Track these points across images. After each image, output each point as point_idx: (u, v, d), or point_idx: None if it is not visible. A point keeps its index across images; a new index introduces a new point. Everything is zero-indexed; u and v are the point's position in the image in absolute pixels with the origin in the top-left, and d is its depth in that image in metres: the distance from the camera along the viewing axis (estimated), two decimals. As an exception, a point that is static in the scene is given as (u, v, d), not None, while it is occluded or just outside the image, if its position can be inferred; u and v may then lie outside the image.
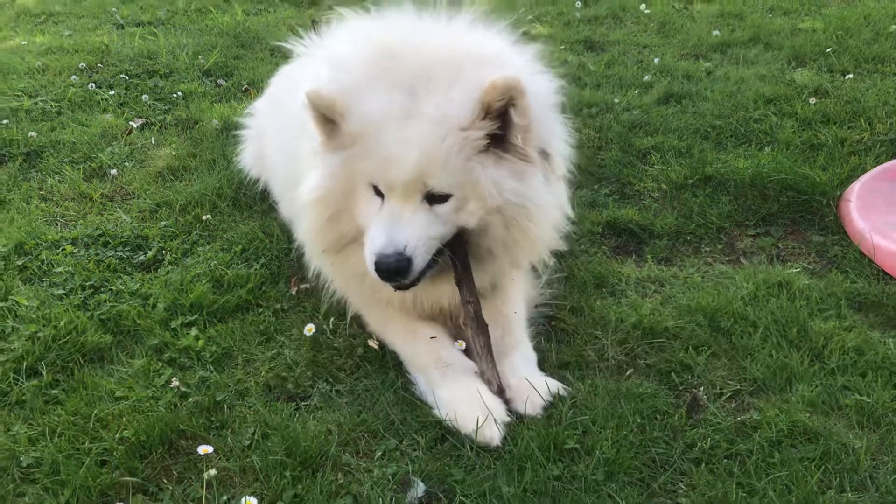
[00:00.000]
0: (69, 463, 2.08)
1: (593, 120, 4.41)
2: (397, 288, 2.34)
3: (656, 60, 5.28)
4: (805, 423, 2.19)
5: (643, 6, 6.49)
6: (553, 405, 2.31)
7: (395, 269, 2.21)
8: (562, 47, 5.69)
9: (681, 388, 2.41)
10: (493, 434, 2.17)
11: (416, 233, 2.22)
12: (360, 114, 2.23)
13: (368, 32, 2.49)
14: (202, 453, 2.08)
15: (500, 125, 2.23)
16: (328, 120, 2.30)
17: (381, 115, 2.21)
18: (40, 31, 6.16)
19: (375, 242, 2.23)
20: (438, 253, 2.33)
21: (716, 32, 5.84)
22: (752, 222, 3.42)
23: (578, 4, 6.67)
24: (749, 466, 2.05)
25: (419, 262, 2.23)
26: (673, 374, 2.46)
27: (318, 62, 3.13)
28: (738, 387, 2.40)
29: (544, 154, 2.36)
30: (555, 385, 2.37)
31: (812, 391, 2.33)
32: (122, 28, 6.31)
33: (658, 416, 2.26)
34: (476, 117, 2.18)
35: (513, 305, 2.64)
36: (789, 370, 2.43)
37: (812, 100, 4.54)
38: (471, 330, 2.46)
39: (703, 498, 1.96)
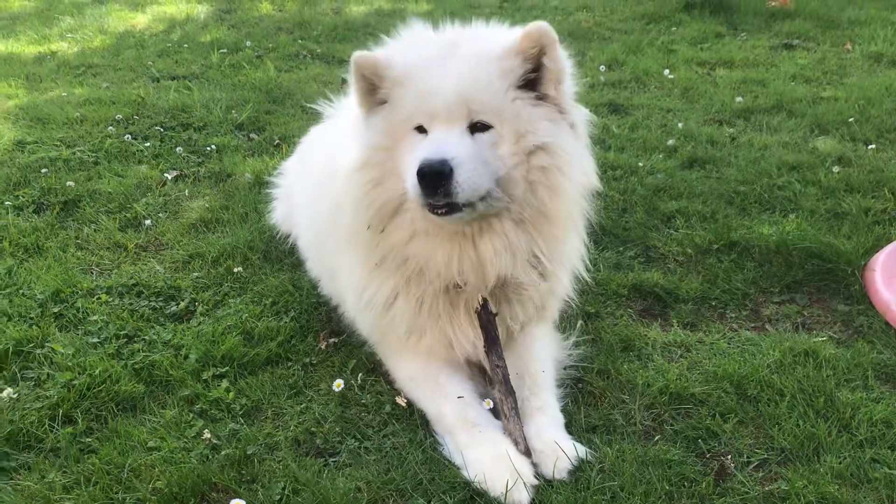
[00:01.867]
0: (103, 513, 2.12)
1: (618, 183, 4.47)
2: (435, 209, 2.31)
3: (680, 125, 5.36)
4: (834, 496, 2.19)
5: (667, 71, 6.61)
6: (580, 469, 2.32)
7: (438, 172, 2.22)
8: (586, 109, 5.78)
9: (708, 455, 2.42)
10: (521, 497, 2.18)
11: (462, 150, 2.29)
12: (401, 60, 2.39)
13: None
14: (234, 508, 2.10)
15: (534, 71, 2.37)
16: (370, 89, 2.43)
17: (422, 57, 2.38)
18: (79, 83, 6.34)
19: (422, 153, 2.27)
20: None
21: (739, 99, 5.93)
22: (776, 289, 3.44)
23: (602, 68, 6.80)
24: (779, 538, 2.05)
25: (464, 179, 2.25)
26: (700, 440, 2.47)
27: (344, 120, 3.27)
28: (766, 455, 2.40)
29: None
30: (582, 450, 2.38)
31: (840, 463, 2.33)
32: (158, 81, 6.48)
33: (686, 484, 2.26)
34: (513, 56, 2.33)
35: (540, 365, 2.67)
36: (817, 440, 2.43)
37: (835, 168, 4.59)
38: (499, 392, 2.49)
39: (732, 569, 1.96)
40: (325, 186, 2.74)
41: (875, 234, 3.75)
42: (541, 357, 2.70)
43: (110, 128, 5.22)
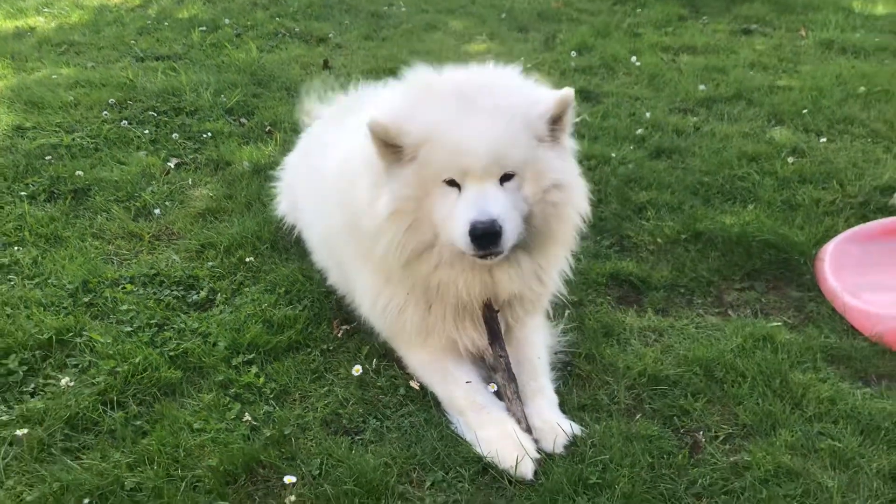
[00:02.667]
0: (169, 488, 2.43)
1: (592, 173, 4.82)
2: (484, 257, 2.63)
3: (648, 114, 5.72)
4: (788, 465, 2.61)
5: (634, 58, 6.95)
6: (574, 444, 2.70)
7: (491, 233, 2.51)
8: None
9: (682, 430, 2.82)
10: (527, 469, 2.55)
11: (504, 206, 2.58)
12: (419, 125, 2.60)
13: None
14: (287, 482, 2.44)
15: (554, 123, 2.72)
16: (389, 146, 2.64)
17: (441, 118, 2.59)
18: (65, 63, 6.44)
19: (469, 212, 2.54)
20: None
21: (702, 87, 6.31)
22: (738, 277, 3.85)
23: (574, 54, 7.12)
24: (743, 501, 2.46)
25: (509, 232, 2.58)
26: (675, 417, 2.87)
27: (345, 125, 3.55)
28: (731, 431, 2.81)
29: None
30: (576, 427, 2.76)
31: (793, 436, 2.75)
32: (143, 61, 6.62)
33: (665, 456, 2.66)
34: (544, 118, 2.65)
35: (536, 351, 3.04)
36: (773, 417, 2.85)
37: (790, 159, 5.01)
38: (501, 378, 2.86)
39: (705, 528, 2.37)
40: (341, 193, 3.01)
41: (825, 225, 4.18)
42: (536, 345, 3.07)
43: (105, 112, 5.39)
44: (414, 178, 2.64)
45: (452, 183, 2.63)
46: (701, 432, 2.79)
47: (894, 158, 5.05)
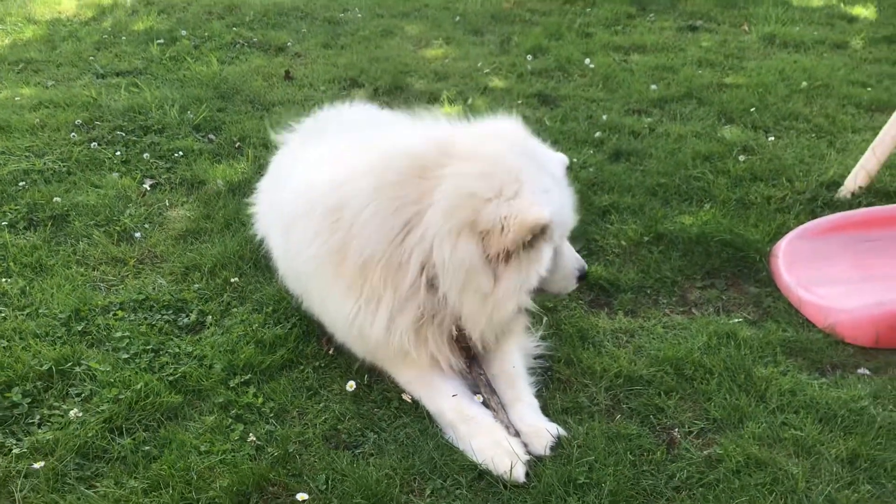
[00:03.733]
0: (187, 511, 2.58)
1: (557, 178, 5.02)
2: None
3: (604, 117, 5.95)
4: (756, 455, 2.84)
5: (587, 60, 7.18)
6: (560, 446, 2.90)
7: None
8: (519, 102, 6.32)
9: (658, 428, 3.05)
10: (520, 473, 2.75)
11: None
12: (554, 205, 2.98)
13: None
14: (300, 500, 2.60)
15: None
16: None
17: (558, 196, 3.12)
18: (24, 83, 6.43)
19: (579, 262, 3.33)
20: None
21: (654, 87, 6.57)
22: (699, 276, 4.09)
23: (529, 57, 7.32)
24: (718, 492, 2.69)
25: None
26: (651, 416, 3.10)
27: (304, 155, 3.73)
28: (703, 425, 3.04)
29: None
30: (555, 428, 2.96)
31: (759, 428, 2.99)
32: (104, 77, 6.64)
33: (645, 454, 2.88)
34: None
35: (511, 360, 3.22)
36: (741, 410, 3.09)
37: (741, 157, 5.28)
38: (484, 393, 3.09)
39: (686, 519, 2.59)
40: (321, 225, 3.10)
41: (777, 222, 4.44)
42: (511, 355, 3.23)
43: (73, 134, 5.43)
44: (551, 249, 3.02)
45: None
46: (676, 429, 3.02)
47: (837, 153, 5.36)
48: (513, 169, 2.90)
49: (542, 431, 2.92)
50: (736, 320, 3.71)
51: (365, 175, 3.05)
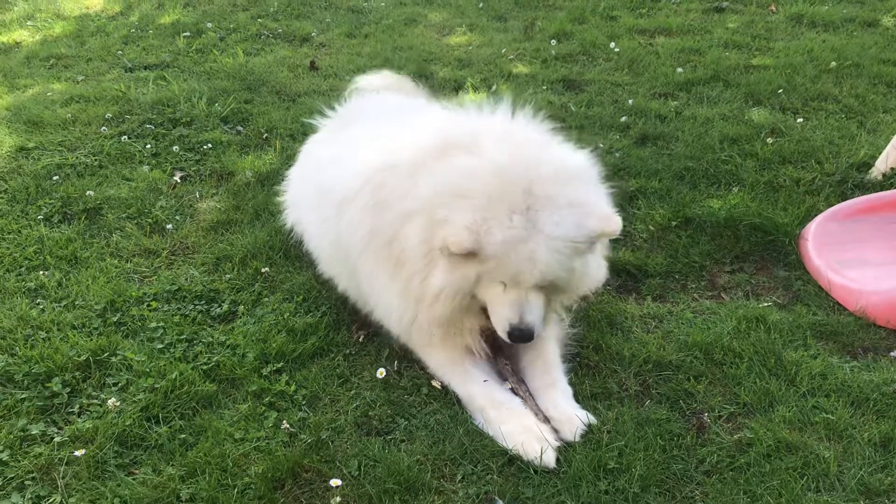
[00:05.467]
0: (223, 496, 2.63)
1: (583, 163, 5.01)
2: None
3: (630, 101, 5.92)
4: (787, 439, 2.84)
5: (612, 44, 7.13)
6: (590, 431, 2.92)
7: (525, 338, 2.97)
8: (543, 87, 6.30)
9: (688, 412, 3.05)
10: (550, 458, 2.78)
11: (538, 314, 2.97)
12: (491, 244, 2.80)
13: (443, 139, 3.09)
14: (333, 485, 2.64)
15: None
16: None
17: (510, 241, 2.81)
18: (55, 78, 6.53)
19: (511, 319, 2.93)
20: None
21: (680, 70, 6.51)
22: (728, 260, 4.08)
23: (553, 42, 7.29)
24: (749, 476, 2.70)
25: (538, 331, 3.00)
26: (680, 401, 3.10)
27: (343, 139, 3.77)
28: (733, 409, 3.05)
29: None
30: (585, 415, 2.98)
31: (789, 411, 2.98)
32: (132, 72, 6.72)
33: (674, 438, 2.89)
34: (587, 244, 2.92)
35: (549, 349, 3.25)
36: (771, 394, 3.08)
37: (769, 140, 5.23)
38: (512, 382, 3.13)
39: None
40: (365, 210, 3.17)
41: (807, 205, 4.40)
42: (548, 342, 3.26)
43: (103, 128, 5.51)
44: (475, 273, 2.89)
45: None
46: (706, 413, 3.02)
47: (868, 134, 5.29)
48: (474, 192, 2.87)
49: (573, 418, 2.94)
50: (765, 304, 3.69)
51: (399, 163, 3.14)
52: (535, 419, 2.93)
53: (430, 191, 2.92)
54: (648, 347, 3.36)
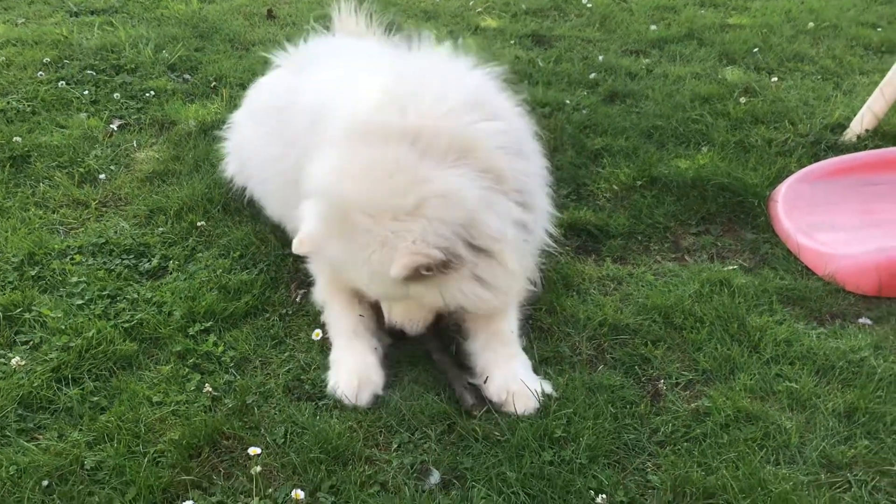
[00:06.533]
0: (131, 464, 2.39)
1: (547, 120, 4.78)
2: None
3: (601, 58, 5.68)
4: (747, 408, 2.65)
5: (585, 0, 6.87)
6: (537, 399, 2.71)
7: (397, 336, 2.91)
8: (511, 42, 6.03)
9: (643, 379, 2.85)
10: (363, 398, 2.71)
11: (407, 317, 2.87)
12: (326, 256, 2.82)
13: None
14: (252, 454, 2.41)
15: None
16: None
17: (334, 260, 2.81)
18: (-7, 20, 6.16)
19: (385, 315, 2.91)
20: None
21: (653, 27, 6.28)
22: (693, 221, 3.87)
23: (524, -4, 7.01)
24: (705, 447, 2.50)
25: (411, 331, 2.88)
26: (636, 366, 2.90)
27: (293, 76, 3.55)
28: (691, 377, 2.85)
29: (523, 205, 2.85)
30: (548, 386, 2.75)
31: (751, 379, 2.79)
32: (77, 16, 6.35)
33: (627, 406, 2.69)
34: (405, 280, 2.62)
35: (508, 323, 2.97)
36: (732, 361, 2.89)
37: (742, 99, 5.02)
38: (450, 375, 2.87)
39: (669, 476, 2.40)
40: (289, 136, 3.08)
41: (778, 166, 4.21)
42: (508, 315, 2.98)
43: (40, 73, 5.17)
44: None
45: None
46: (662, 380, 2.83)
47: (844, 95, 5.10)
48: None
49: (529, 396, 2.69)
50: (731, 267, 3.49)
51: None
52: (373, 358, 2.83)
53: None
54: (605, 310, 3.15)
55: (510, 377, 2.74)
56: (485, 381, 2.76)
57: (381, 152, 2.66)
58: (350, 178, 2.66)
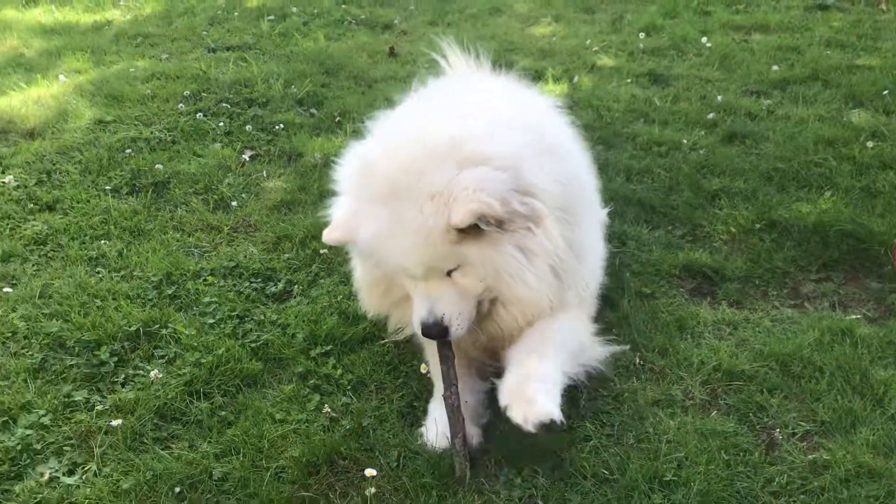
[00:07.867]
0: (255, 478, 2.54)
1: (663, 159, 4.77)
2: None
3: (719, 98, 5.62)
4: (869, 464, 2.57)
5: (704, 39, 6.81)
6: (647, 440, 2.70)
7: (437, 335, 2.66)
8: (628, 80, 6.05)
9: (758, 427, 2.80)
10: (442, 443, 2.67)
11: (450, 307, 2.64)
12: (361, 240, 2.65)
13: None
14: (367, 475, 2.51)
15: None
16: None
17: (374, 236, 2.59)
18: (140, 55, 6.64)
19: (418, 314, 2.67)
20: None
21: (775, 67, 6.15)
22: (814, 268, 3.77)
23: (642, 35, 7.01)
24: (823, 501, 2.44)
25: (457, 323, 2.66)
26: (751, 414, 2.85)
27: None
28: (809, 428, 2.78)
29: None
30: (557, 412, 2.44)
31: (874, 435, 2.70)
32: (214, 52, 6.77)
33: (741, 454, 2.65)
34: (449, 235, 2.51)
35: (552, 330, 2.77)
36: (854, 414, 2.80)
37: (870, 143, 4.85)
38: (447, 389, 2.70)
39: (784, 528, 2.36)
40: None
41: (907, 213, 4.05)
42: (556, 325, 2.80)
43: (180, 105, 5.55)
44: (375, 265, 2.80)
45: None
46: (777, 429, 2.77)
47: (981, 141, 4.86)
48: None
49: (532, 404, 2.46)
50: (854, 317, 3.38)
51: None
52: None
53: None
54: (719, 355, 3.11)
55: (523, 381, 2.56)
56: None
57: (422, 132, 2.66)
58: (387, 149, 2.67)
